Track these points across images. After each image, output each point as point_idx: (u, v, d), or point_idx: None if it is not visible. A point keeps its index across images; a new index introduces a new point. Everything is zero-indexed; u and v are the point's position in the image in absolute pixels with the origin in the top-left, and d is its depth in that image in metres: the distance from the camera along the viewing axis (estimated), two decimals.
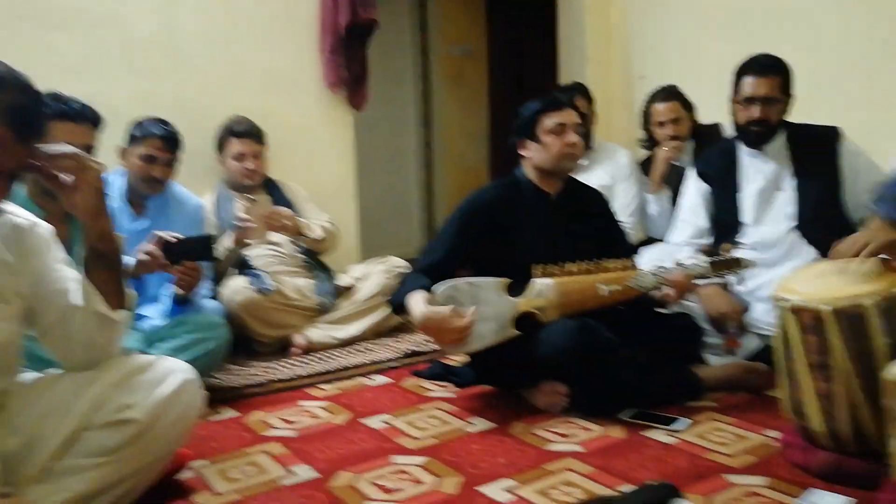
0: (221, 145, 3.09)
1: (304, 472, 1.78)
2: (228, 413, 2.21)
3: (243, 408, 2.25)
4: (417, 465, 1.79)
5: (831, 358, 1.57)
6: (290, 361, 2.69)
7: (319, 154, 3.60)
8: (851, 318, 1.54)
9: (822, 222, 2.41)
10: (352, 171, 3.72)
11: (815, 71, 2.95)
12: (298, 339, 2.81)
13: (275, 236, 2.99)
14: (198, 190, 2.94)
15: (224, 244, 2.82)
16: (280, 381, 2.48)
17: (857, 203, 2.43)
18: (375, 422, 2.10)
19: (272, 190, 3.14)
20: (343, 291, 3.03)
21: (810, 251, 2.42)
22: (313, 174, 3.51)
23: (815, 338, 1.59)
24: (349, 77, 3.56)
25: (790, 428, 1.75)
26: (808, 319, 1.60)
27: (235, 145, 3.04)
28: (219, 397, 2.28)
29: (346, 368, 2.59)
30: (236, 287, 2.76)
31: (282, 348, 2.83)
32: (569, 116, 2.25)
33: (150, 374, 1.54)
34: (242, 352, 2.75)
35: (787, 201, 2.49)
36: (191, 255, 2.15)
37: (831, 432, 1.60)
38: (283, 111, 3.43)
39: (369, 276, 3.05)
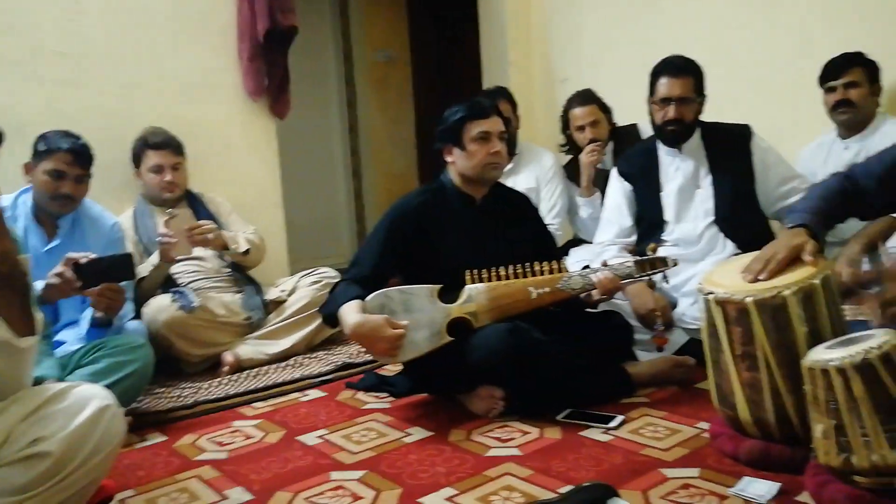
0: (137, 158, 2.97)
1: (238, 496, 1.71)
2: (155, 438, 2.12)
3: (171, 432, 2.16)
4: (356, 480, 1.76)
5: (755, 348, 1.62)
6: (219, 380, 2.60)
7: (242, 164, 3.50)
8: (773, 308, 1.60)
9: (739, 217, 2.51)
10: (277, 180, 3.64)
11: (725, 71, 3.06)
12: (227, 356, 2.72)
13: (199, 251, 2.89)
14: (114, 206, 2.82)
15: (151, 262, 2.72)
16: (210, 401, 2.39)
17: (768, 197, 2.54)
18: (311, 438, 2.06)
19: (194, 203, 3.04)
20: (272, 305, 2.95)
21: (729, 245, 2.50)
22: (237, 185, 3.42)
23: (740, 329, 1.64)
24: (270, 85, 3.49)
25: (719, 419, 1.80)
26: (732, 311, 1.65)
27: (152, 157, 2.93)
28: (144, 422, 2.19)
29: (279, 384, 2.53)
30: (159, 305, 2.65)
31: (211, 367, 2.74)
32: (494, 124, 2.24)
33: (64, 403, 1.45)
34: (169, 373, 2.66)
35: (705, 198, 2.57)
36: (108, 275, 2.05)
37: (757, 420, 1.65)
38: (202, 120, 3.32)
39: (299, 289, 2.98)
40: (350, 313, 2.02)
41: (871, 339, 1.42)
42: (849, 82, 2.67)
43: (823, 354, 1.45)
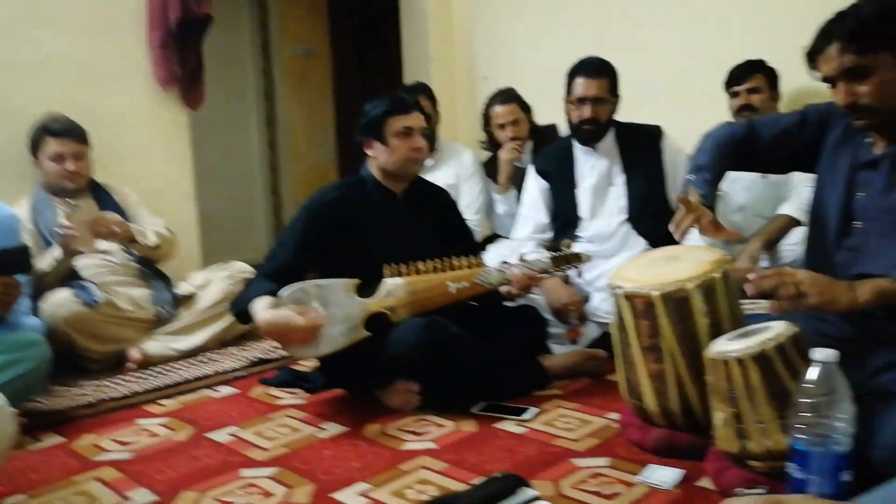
0: (36, 146, 2.80)
1: (141, 497, 1.65)
2: (52, 440, 2.01)
3: (70, 432, 2.05)
4: (267, 477, 1.72)
5: (661, 340, 1.68)
6: (124, 378, 2.49)
7: (152, 155, 3.37)
8: (677, 301, 1.66)
9: (650, 215, 2.59)
10: (189, 172, 3.52)
11: (639, 72, 3.15)
12: (134, 352, 2.61)
13: (105, 244, 2.76)
14: (10, 196, 2.65)
15: (52, 255, 2.57)
16: (113, 399, 2.29)
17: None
18: (221, 435, 2.00)
19: (99, 194, 2.89)
20: (183, 300, 2.85)
21: (640, 242, 2.59)
22: (146, 176, 3.28)
23: (647, 322, 1.70)
24: (183, 74, 3.36)
25: (628, 409, 1.85)
26: (640, 305, 1.70)
27: (52, 145, 2.77)
28: (40, 423, 2.08)
29: (188, 381, 2.44)
30: (59, 300, 2.51)
31: (115, 365, 2.62)
32: (416, 120, 2.24)
33: None
34: (70, 371, 2.52)
35: (618, 196, 2.65)
36: (2, 268, 1.93)
37: (663, 410, 1.71)
38: (108, 108, 3.17)
39: (211, 283, 2.89)
40: (262, 308, 1.97)
41: (767, 332, 1.49)
42: (751, 88, 2.80)
43: (724, 346, 1.51)
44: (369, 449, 1.85)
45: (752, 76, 2.81)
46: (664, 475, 1.58)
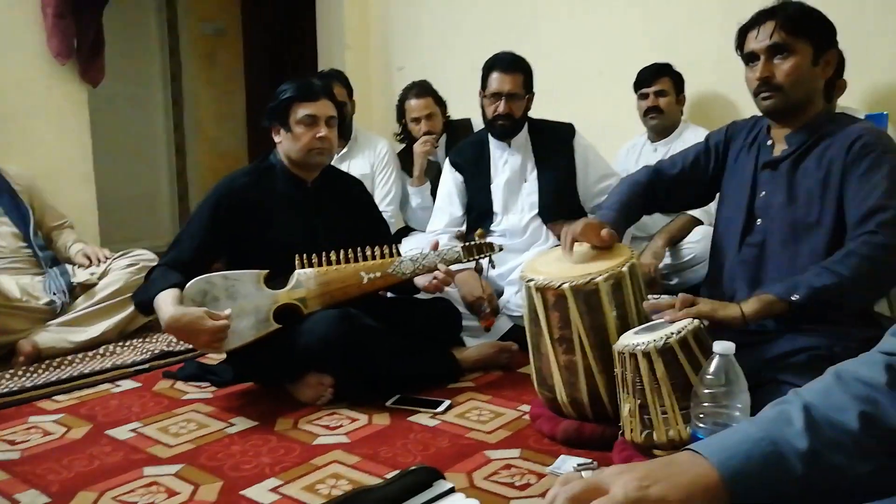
0: None
1: (30, 499, 1.55)
2: None
3: None
4: (172, 475, 1.65)
5: (571, 331, 1.72)
6: (14, 372, 2.34)
7: (47, 133, 3.17)
8: (587, 294, 1.70)
9: (560, 211, 2.65)
10: (88, 152, 3.34)
11: (553, 70, 3.22)
12: (24, 345, 2.45)
13: None
14: None
15: None
16: (1, 395, 2.14)
17: (587, 192, 2.71)
18: (122, 432, 1.91)
19: None
20: (80, 289, 2.69)
21: (551, 237, 2.65)
22: (39, 155, 3.10)
23: (558, 313, 1.74)
24: (81, 48, 3.17)
25: (539, 401, 1.90)
26: (551, 297, 1.74)
27: None
28: None
29: (86, 375, 2.32)
30: None
31: (3, 357, 2.46)
32: (323, 108, 2.18)
33: None
34: None
35: (530, 191, 2.69)
36: None
37: (573, 401, 1.76)
38: None
39: (112, 271, 2.75)
40: (167, 303, 1.89)
41: (672, 325, 1.56)
42: (659, 90, 2.91)
43: (632, 339, 1.57)
44: (280, 444, 1.82)
45: (659, 79, 2.91)
46: (573, 465, 1.63)
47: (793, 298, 1.55)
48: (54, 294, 2.59)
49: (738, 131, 1.88)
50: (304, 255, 2.08)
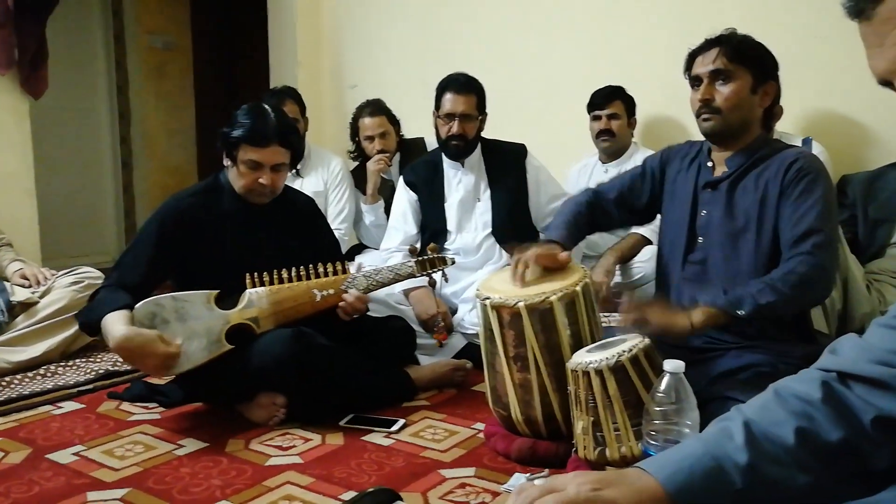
0: None
1: None
2: None
3: None
4: (117, 500, 1.60)
5: (526, 349, 1.74)
6: None
7: None
8: (541, 312, 1.72)
9: (513, 229, 2.68)
10: (29, 165, 3.25)
11: (505, 90, 3.27)
12: None
13: None
14: None
15: None
16: None
17: (539, 211, 2.75)
18: (64, 455, 1.84)
19: None
20: (20, 307, 2.59)
21: (504, 255, 2.67)
22: None
23: (513, 332, 1.75)
24: (22, 58, 3.09)
25: (493, 419, 1.91)
26: (507, 315, 1.75)
27: None
28: None
29: (25, 397, 2.23)
30: None
31: None
32: (270, 156, 2.09)
33: None
34: None
35: (483, 210, 2.72)
36: None
37: (527, 419, 1.78)
38: None
39: (54, 289, 2.65)
40: (116, 324, 1.84)
41: (623, 344, 1.60)
42: (611, 114, 2.99)
43: (584, 357, 1.60)
44: (231, 465, 1.78)
45: (612, 102, 2.99)
46: (526, 476, 1.64)
47: (738, 313, 1.63)
48: None
49: (674, 155, 1.97)
50: (255, 274, 2.06)
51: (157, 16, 4.99)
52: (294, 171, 2.60)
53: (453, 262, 2.31)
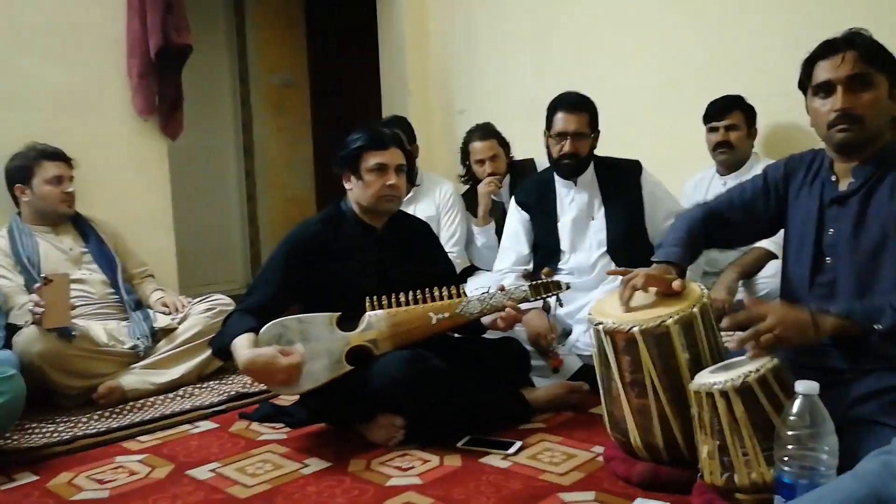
0: (28, 172, 2.78)
1: None
2: (26, 478, 1.95)
3: (45, 471, 2.00)
4: None
5: (643, 375, 1.69)
6: (100, 413, 2.44)
7: (130, 186, 3.35)
8: (657, 337, 1.66)
9: (629, 248, 2.62)
10: (167, 203, 3.51)
11: (617, 107, 3.22)
12: (103, 387, 2.53)
13: (83, 273, 2.74)
14: None
15: (26, 318, 2.47)
16: (89, 435, 2.23)
17: (656, 229, 2.66)
18: (202, 472, 1.96)
19: (82, 226, 2.91)
20: (162, 333, 2.80)
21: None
22: (124, 207, 3.26)
23: (629, 357, 1.70)
24: (162, 104, 3.36)
25: (612, 443, 1.86)
26: (621, 341, 1.71)
27: (51, 168, 2.79)
28: (12, 461, 2.03)
29: (167, 416, 2.40)
30: (33, 334, 2.45)
31: (91, 400, 2.56)
32: (392, 157, 2.23)
33: None
34: (43, 407, 2.46)
35: (598, 229, 2.68)
36: None
37: (647, 444, 1.72)
38: (86, 138, 3.15)
39: (191, 316, 2.85)
40: (242, 348, 1.95)
41: (750, 364, 1.52)
42: (729, 125, 2.87)
43: (708, 378, 1.53)
44: (354, 485, 1.83)
45: (730, 113, 2.87)
46: None
47: (875, 327, 1.49)
48: (138, 339, 2.70)
49: (798, 165, 1.82)
50: (375, 298, 2.12)
51: (278, 55, 5.29)
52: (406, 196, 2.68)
53: (568, 287, 2.28)
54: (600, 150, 2.73)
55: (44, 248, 2.75)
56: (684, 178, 3.14)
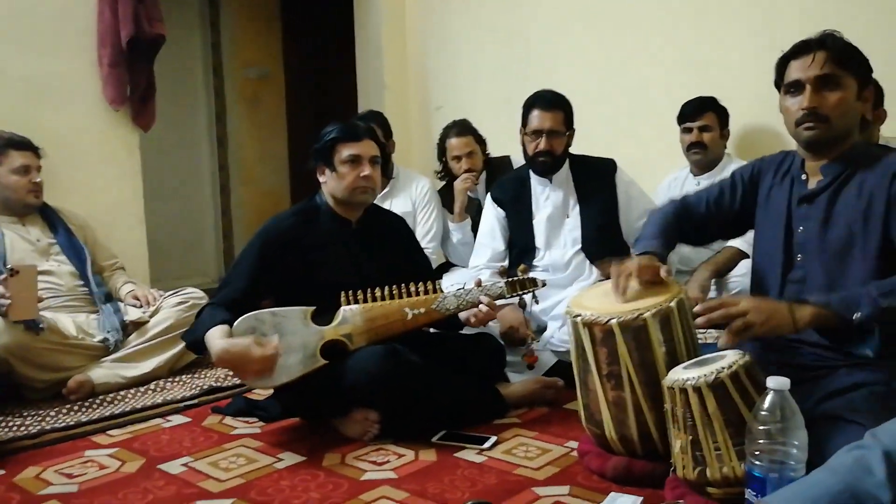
0: None
1: None
2: None
3: (11, 465, 1.96)
4: None
5: (620, 367, 1.71)
6: (69, 407, 2.39)
7: (101, 177, 3.29)
8: (635, 329, 1.69)
9: (603, 245, 2.64)
10: (139, 195, 3.45)
11: (591, 106, 3.24)
12: (72, 381, 2.48)
13: (50, 265, 2.68)
14: None
15: None
16: (57, 429, 2.19)
17: (630, 227, 2.70)
18: (174, 466, 1.94)
19: (50, 217, 2.85)
20: (132, 326, 2.76)
21: (594, 271, 2.64)
22: (94, 199, 3.21)
23: (606, 349, 1.72)
24: (133, 94, 3.31)
25: (586, 437, 1.88)
26: (599, 333, 1.73)
27: (17, 158, 2.72)
28: None
29: (138, 410, 2.37)
30: None
31: (58, 393, 2.51)
32: (366, 148, 2.23)
33: None
34: (9, 400, 2.41)
35: (573, 227, 2.70)
36: None
37: (622, 438, 1.74)
38: (55, 128, 3.09)
39: (162, 309, 2.81)
40: (216, 339, 1.94)
41: (722, 360, 1.54)
42: (703, 126, 2.91)
43: (682, 374, 1.56)
44: (328, 479, 1.83)
45: (704, 114, 2.91)
46: (625, 503, 1.61)
47: (854, 317, 1.51)
48: (108, 332, 2.66)
49: (767, 167, 1.86)
50: (350, 292, 2.12)
51: (252, 48, 5.23)
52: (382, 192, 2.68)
53: (544, 285, 2.29)
54: (576, 149, 2.75)
55: (10, 239, 2.69)
56: (658, 178, 3.17)
